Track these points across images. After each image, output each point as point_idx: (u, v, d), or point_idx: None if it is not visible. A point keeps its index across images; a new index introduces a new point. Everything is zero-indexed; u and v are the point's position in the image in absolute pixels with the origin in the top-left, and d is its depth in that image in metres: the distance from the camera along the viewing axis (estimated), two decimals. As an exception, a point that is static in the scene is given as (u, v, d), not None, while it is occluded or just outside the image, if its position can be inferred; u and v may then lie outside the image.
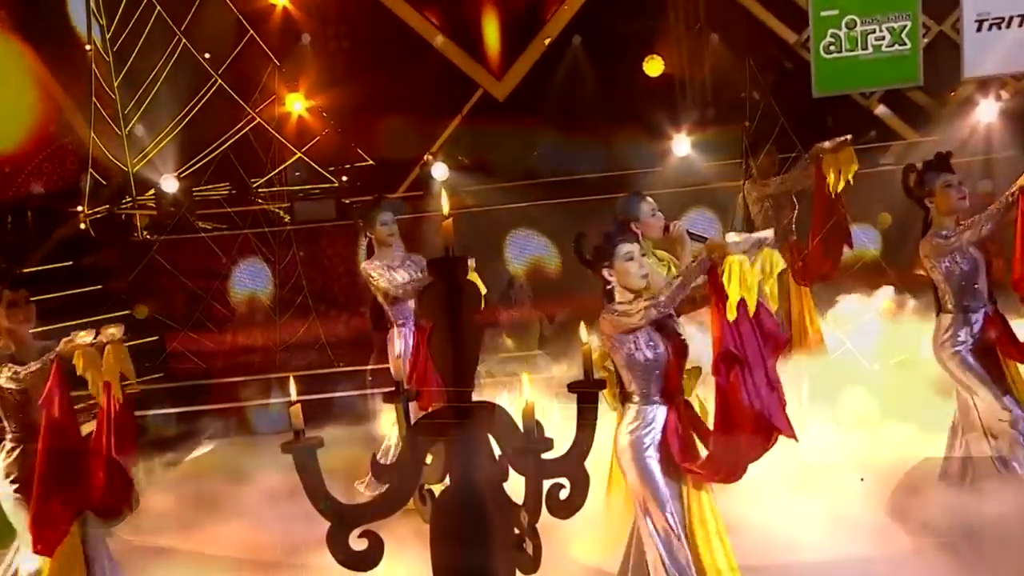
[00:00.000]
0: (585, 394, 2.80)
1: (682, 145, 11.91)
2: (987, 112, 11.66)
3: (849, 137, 6.78)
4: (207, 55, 12.84)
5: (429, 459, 2.74)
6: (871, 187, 9.00)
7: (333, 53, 13.30)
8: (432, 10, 13.08)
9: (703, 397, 5.46)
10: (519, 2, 13.15)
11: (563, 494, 2.72)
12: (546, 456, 2.64)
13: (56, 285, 9.87)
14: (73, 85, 12.39)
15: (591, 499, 2.78)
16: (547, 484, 2.69)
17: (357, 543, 2.64)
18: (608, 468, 5.56)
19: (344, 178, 12.88)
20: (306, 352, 11.23)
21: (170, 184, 12.22)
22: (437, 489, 2.79)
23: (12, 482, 5.32)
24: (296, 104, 13.23)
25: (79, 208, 12.03)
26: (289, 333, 11.33)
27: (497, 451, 2.69)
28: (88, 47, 12.43)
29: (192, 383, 10.66)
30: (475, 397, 2.70)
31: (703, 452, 4.63)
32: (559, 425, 2.97)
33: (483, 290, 6.35)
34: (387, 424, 7.14)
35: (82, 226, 12.00)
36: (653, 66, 12.73)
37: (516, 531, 2.65)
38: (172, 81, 12.77)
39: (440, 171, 11.89)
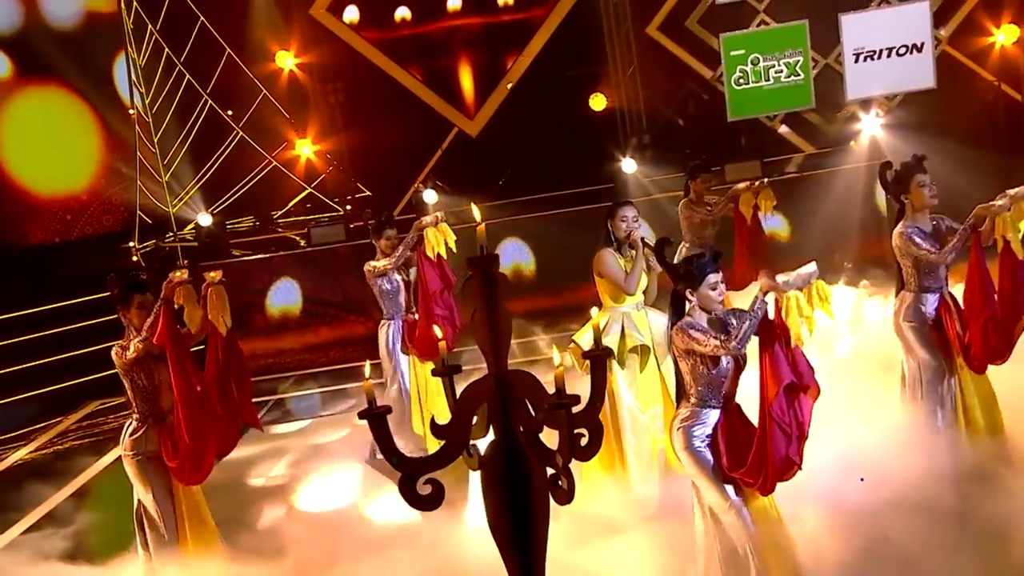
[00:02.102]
0: (596, 360, 2.87)
1: (628, 165, 11.97)
2: (868, 127, 11.85)
3: (765, 180, 6.42)
4: (229, 112, 12.85)
5: (475, 420, 2.80)
6: (778, 192, 9.07)
7: (333, 105, 13.30)
8: (414, 66, 13.15)
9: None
10: (484, 55, 13.22)
11: (583, 441, 2.78)
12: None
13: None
14: (123, 141, 12.38)
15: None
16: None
17: (423, 489, 2.68)
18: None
19: (348, 207, 12.88)
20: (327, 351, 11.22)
21: (205, 219, 12.18)
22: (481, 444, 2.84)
23: (136, 454, 5.04)
24: (304, 148, 13.24)
25: (131, 243, 11.96)
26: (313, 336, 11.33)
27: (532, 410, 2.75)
28: (131, 111, 12.39)
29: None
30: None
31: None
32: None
33: (453, 237, 6.21)
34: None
35: (134, 258, 11.92)
36: (597, 102, 12.89)
37: (551, 472, 2.71)
38: (201, 135, 12.77)
39: (430, 196, 11.79)
